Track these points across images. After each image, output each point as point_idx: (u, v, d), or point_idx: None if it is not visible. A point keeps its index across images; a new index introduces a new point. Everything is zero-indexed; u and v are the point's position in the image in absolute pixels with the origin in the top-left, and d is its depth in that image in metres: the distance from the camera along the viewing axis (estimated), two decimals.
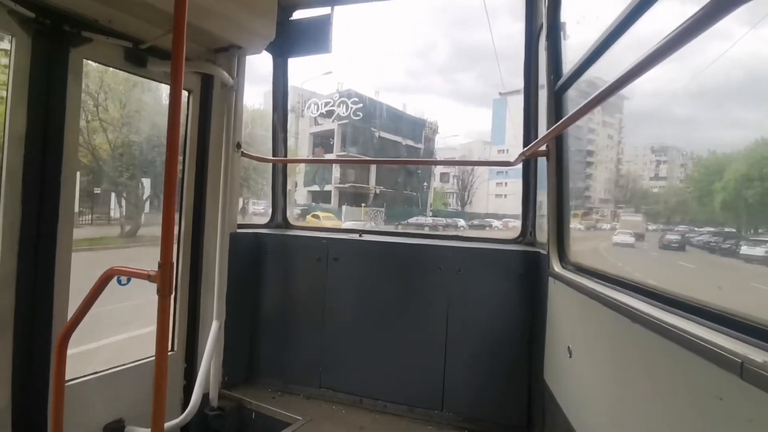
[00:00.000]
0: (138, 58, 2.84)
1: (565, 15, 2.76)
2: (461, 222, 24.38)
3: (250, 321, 3.64)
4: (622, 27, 1.85)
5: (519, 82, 3.55)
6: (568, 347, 2.20)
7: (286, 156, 4.14)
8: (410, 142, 26.23)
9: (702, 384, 1.12)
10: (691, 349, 1.14)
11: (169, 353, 3.14)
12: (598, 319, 1.88)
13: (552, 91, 2.70)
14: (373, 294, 3.37)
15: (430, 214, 26.10)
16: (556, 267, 2.59)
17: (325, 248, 3.49)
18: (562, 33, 2.74)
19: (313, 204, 25.14)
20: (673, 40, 1.09)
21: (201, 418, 3.16)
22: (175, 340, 3.23)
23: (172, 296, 1.90)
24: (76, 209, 2.95)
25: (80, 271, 2.67)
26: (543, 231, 3.29)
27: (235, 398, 3.39)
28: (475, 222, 24.82)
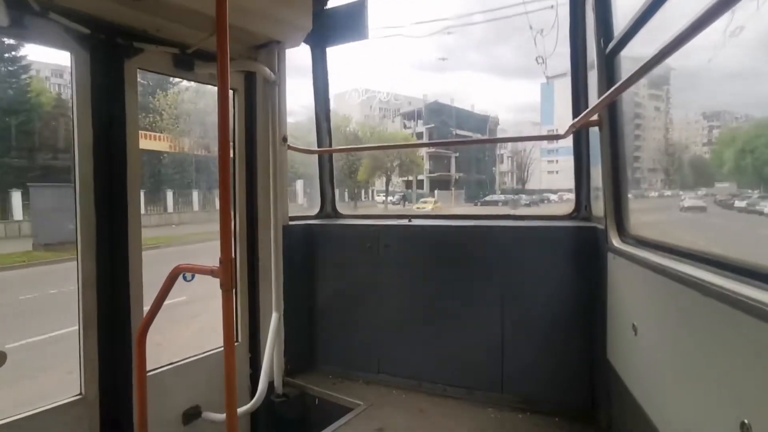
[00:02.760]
0: (185, 62, 2.95)
1: None
2: (524, 197, 29.31)
3: (308, 310, 3.75)
4: None
5: (560, 50, 3.39)
6: (633, 324, 2.11)
7: (330, 146, 4.19)
8: (478, 135, 31.80)
9: None
10: None
11: (235, 344, 3.33)
12: (665, 294, 1.79)
13: (602, 54, 2.55)
14: (426, 278, 3.37)
15: (499, 192, 32.09)
16: (615, 242, 2.48)
17: (375, 235, 3.52)
18: None
19: (409, 191, 29.64)
20: None
21: (268, 404, 3.32)
22: (239, 332, 3.39)
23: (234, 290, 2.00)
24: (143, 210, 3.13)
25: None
26: (599, 205, 3.15)
27: (298, 385, 3.53)
28: (534, 197, 29.09)
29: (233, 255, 2.04)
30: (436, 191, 30.05)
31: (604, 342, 2.66)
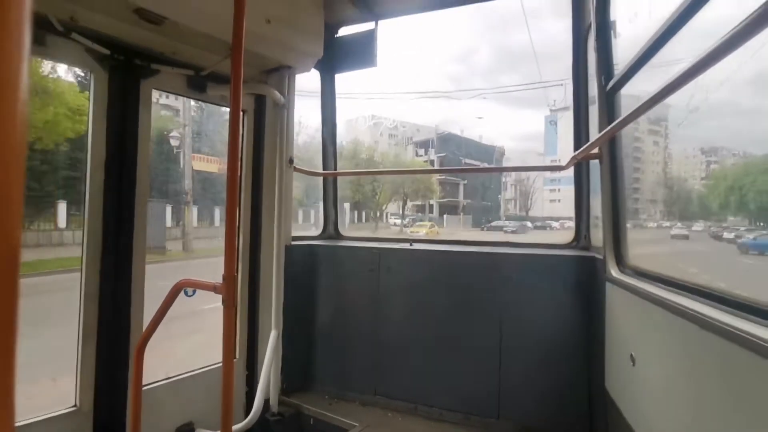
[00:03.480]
0: (198, 84, 3.05)
1: (615, 12, 2.69)
2: (529, 224, 31.26)
3: (307, 330, 3.75)
4: (679, 23, 1.79)
5: (564, 82, 3.49)
6: (631, 355, 2.12)
7: (336, 169, 4.26)
8: (485, 164, 34.81)
9: None
10: None
11: (234, 360, 3.32)
12: (663, 326, 1.81)
13: (603, 91, 2.63)
14: (426, 302, 3.39)
15: (504, 218, 34.25)
16: (614, 272, 2.51)
17: (376, 258, 3.56)
18: (612, 31, 2.67)
19: (419, 215, 32.30)
20: (739, 34, 1.05)
21: (263, 423, 3.29)
22: (237, 349, 3.39)
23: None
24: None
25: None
26: (598, 235, 3.19)
27: (293, 404, 3.50)
28: (538, 224, 31.73)
29: (236, 273, 2.07)
30: (444, 216, 32.42)
31: (602, 371, 2.66)
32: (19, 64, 0.36)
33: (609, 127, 2.14)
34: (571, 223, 3.53)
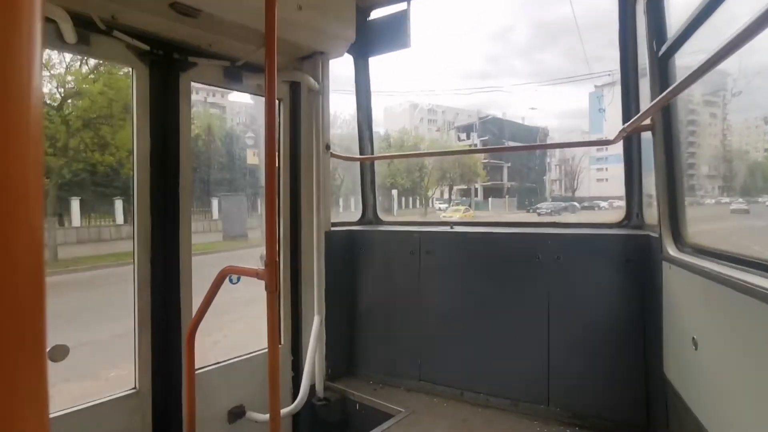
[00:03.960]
0: (235, 74, 3.08)
1: None
2: (576, 204, 30.64)
3: (349, 315, 3.78)
4: None
5: (608, 53, 3.28)
6: (693, 338, 1.99)
7: (372, 154, 4.23)
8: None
9: None
10: None
11: (278, 346, 3.40)
12: (729, 306, 1.68)
13: (655, 57, 2.45)
14: (469, 285, 3.32)
15: (550, 199, 33.86)
16: (671, 251, 2.35)
17: (417, 242, 3.52)
18: None
19: (464, 198, 31.92)
20: None
21: (309, 407, 3.37)
22: (282, 334, 3.47)
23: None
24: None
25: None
26: (651, 212, 3.01)
27: (338, 389, 3.55)
28: (585, 204, 30.96)
29: (278, 258, 2.09)
30: (489, 199, 32.41)
31: (660, 356, 2.52)
32: (31, 62, 0.37)
33: (662, 95, 1.99)
34: (621, 203, 3.35)
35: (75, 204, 12.28)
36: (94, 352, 6.63)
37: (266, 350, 2.06)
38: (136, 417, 2.64)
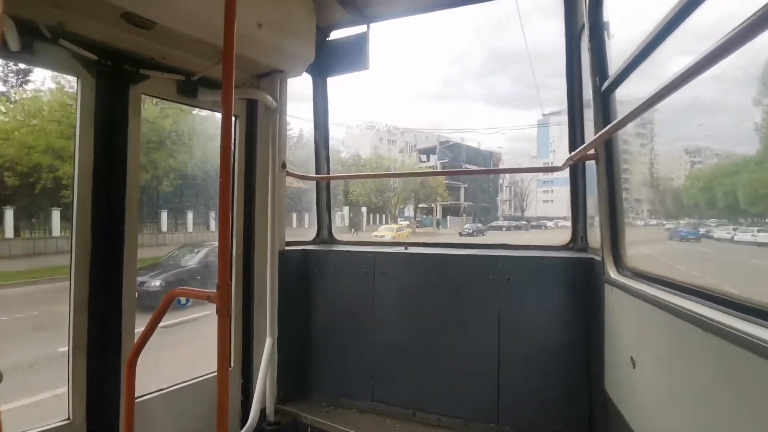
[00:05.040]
0: (189, 89, 3.00)
1: (608, 13, 2.69)
2: (524, 223, 33.92)
3: (302, 336, 3.70)
4: (674, 23, 1.78)
5: (556, 82, 3.48)
6: (631, 357, 2.10)
7: (329, 173, 4.22)
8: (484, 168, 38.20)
9: None
10: None
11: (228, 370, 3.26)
12: (664, 328, 1.79)
13: (598, 92, 2.62)
14: (423, 306, 3.35)
15: (502, 219, 37.03)
16: (612, 273, 2.49)
17: (371, 262, 3.52)
18: (605, 32, 2.66)
19: (424, 216, 34.14)
20: (738, 35, 1.03)
21: None
22: (232, 357, 3.34)
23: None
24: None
25: None
26: (595, 236, 3.18)
27: (290, 413, 3.45)
28: (533, 223, 34.19)
29: (230, 281, 2.02)
30: (448, 217, 34.95)
31: (602, 374, 2.64)
32: None
33: (605, 129, 2.13)
34: (565, 223, 3.53)
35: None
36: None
37: (214, 374, 1.97)
38: None
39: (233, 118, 3.41)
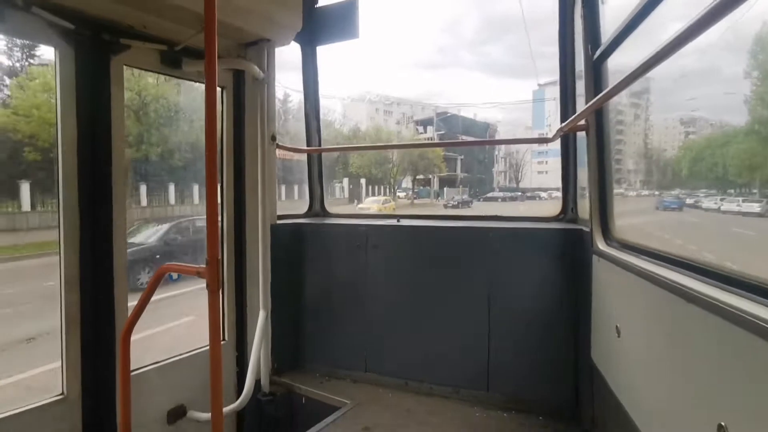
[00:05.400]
0: (173, 59, 2.91)
1: None
2: (519, 194, 34.36)
3: (295, 309, 3.74)
4: None
5: (551, 51, 3.42)
6: (616, 327, 2.15)
7: (320, 145, 4.18)
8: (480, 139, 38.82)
9: (765, 367, 1.07)
10: (753, 331, 1.09)
11: (222, 343, 3.30)
12: (648, 299, 1.82)
13: (590, 61, 2.58)
14: (414, 278, 3.38)
15: (497, 190, 37.63)
16: (600, 244, 2.51)
17: (364, 235, 3.52)
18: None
19: (421, 188, 34.59)
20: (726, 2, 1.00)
21: (255, 403, 3.31)
22: (226, 331, 3.37)
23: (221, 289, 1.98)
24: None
25: None
26: (585, 207, 3.19)
27: (285, 384, 3.52)
28: (528, 194, 34.55)
29: (220, 255, 2.02)
30: (444, 188, 35.55)
31: (589, 344, 2.70)
32: None
33: (595, 99, 2.10)
34: (558, 194, 3.54)
35: None
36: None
37: (208, 347, 1.99)
38: (63, 426, 2.48)
39: (219, 90, 3.34)
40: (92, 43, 2.50)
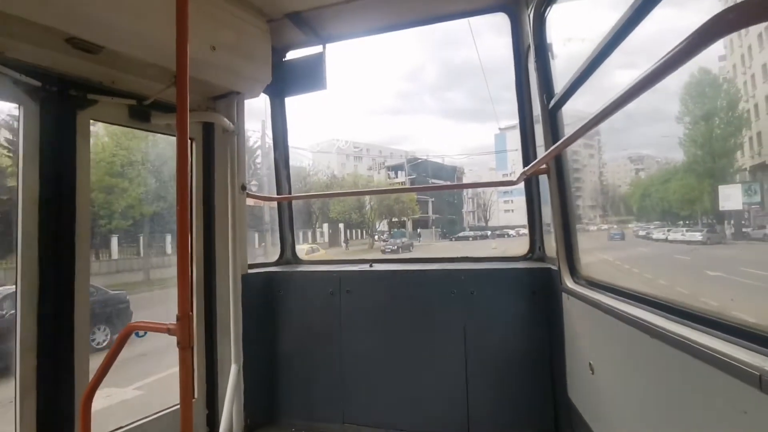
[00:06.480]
0: (142, 113, 2.92)
1: (550, 36, 2.84)
2: (488, 233, 36.96)
3: (268, 360, 3.62)
4: (613, 44, 1.90)
5: (508, 96, 3.65)
6: (590, 363, 2.19)
7: (290, 193, 4.19)
8: (448, 182, 40.01)
9: (725, 398, 1.12)
10: (710, 363, 1.15)
11: (192, 401, 3.14)
12: (616, 335, 1.88)
13: (546, 109, 2.75)
14: (389, 322, 3.36)
15: (468, 229, 39.33)
16: (568, 282, 2.60)
17: (336, 281, 3.50)
18: (549, 53, 2.81)
19: (395, 230, 35.55)
20: (673, 59, 1.08)
21: None
22: (196, 388, 3.22)
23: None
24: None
25: None
26: (551, 245, 3.30)
27: None
28: (497, 232, 36.72)
29: (191, 311, 1.96)
30: (419, 230, 37.08)
31: (564, 381, 2.72)
32: None
33: (554, 146, 2.24)
34: (525, 231, 3.66)
35: None
36: None
37: (177, 407, 1.90)
38: None
39: (190, 141, 3.35)
40: (59, 99, 2.49)
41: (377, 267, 3.64)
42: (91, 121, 2.70)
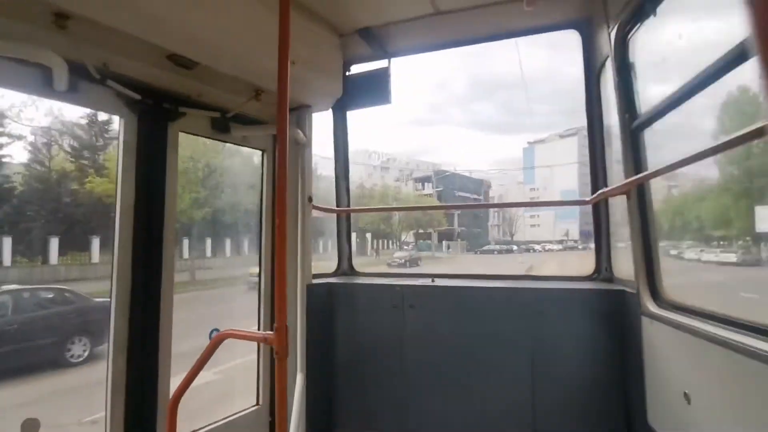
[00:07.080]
0: (222, 125, 3.03)
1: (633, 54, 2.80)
2: (514, 247, 36.75)
3: (328, 370, 3.65)
4: (712, 77, 1.87)
5: (539, 107, 3.66)
6: (685, 393, 2.12)
7: (349, 205, 4.25)
8: (475, 195, 42.15)
9: None
10: None
11: (255, 407, 3.19)
12: (719, 363, 1.82)
13: (627, 130, 2.71)
14: (454, 338, 3.34)
15: (493, 243, 39.41)
16: (651, 306, 2.53)
17: (399, 295, 3.51)
18: (632, 72, 2.77)
19: (421, 241, 36.41)
20: None
21: None
22: (260, 394, 3.27)
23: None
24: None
25: None
26: (620, 266, 3.23)
27: None
28: (523, 247, 36.31)
29: (286, 321, 1.99)
30: (444, 242, 37.36)
31: (644, 408, 2.64)
32: None
33: (641, 174, 2.20)
34: (552, 246, 3.60)
35: None
36: None
37: (245, 411, 1.91)
38: None
39: (261, 152, 3.45)
40: (154, 111, 2.61)
41: (439, 282, 3.64)
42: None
